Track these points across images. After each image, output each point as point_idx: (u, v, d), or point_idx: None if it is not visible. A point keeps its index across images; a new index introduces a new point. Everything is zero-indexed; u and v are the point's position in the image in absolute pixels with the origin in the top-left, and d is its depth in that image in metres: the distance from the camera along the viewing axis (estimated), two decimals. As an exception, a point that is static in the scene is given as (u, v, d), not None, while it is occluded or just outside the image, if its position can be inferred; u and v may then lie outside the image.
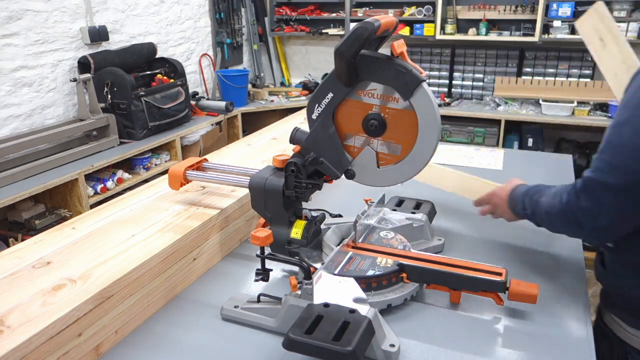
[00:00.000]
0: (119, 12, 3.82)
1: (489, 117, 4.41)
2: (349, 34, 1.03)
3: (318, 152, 1.20)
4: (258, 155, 2.00)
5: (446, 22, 4.60)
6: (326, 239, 1.32)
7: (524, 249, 1.19)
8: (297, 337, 0.95)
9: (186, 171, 1.48)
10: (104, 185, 3.25)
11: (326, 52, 5.44)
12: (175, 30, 4.44)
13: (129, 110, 3.49)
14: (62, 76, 3.41)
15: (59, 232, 1.35)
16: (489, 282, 1.13)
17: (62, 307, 1.01)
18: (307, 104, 1.19)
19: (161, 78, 3.86)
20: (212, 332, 1.16)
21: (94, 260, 1.19)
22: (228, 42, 4.98)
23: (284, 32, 5.33)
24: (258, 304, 1.18)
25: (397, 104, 1.10)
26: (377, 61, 1.08)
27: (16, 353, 0.90)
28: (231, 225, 1.51)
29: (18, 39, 3.10)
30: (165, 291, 1.26)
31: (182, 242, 1.31)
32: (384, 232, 1.35)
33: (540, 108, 4.35)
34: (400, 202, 1.61)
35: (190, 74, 4.63)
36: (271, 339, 1.12)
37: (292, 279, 1.14)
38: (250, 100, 5.03)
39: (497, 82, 4.57)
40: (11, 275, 1.14)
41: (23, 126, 3.20)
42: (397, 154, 1.15)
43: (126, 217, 1.44)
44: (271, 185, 1.26)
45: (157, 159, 3.75)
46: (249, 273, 1.39)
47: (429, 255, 1.25)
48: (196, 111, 4.33)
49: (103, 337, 1.09)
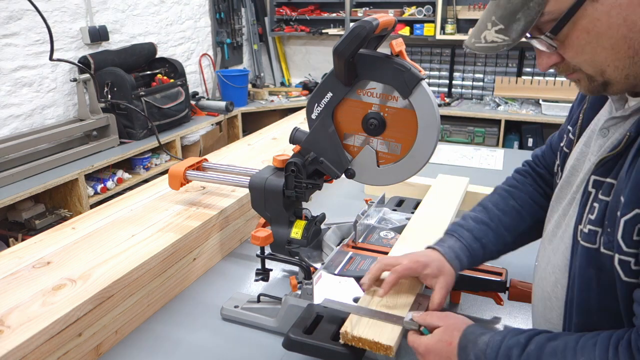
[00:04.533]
0: (119, 12, 3.82)
1: (489, 117, 4.41)
2: (347, 33, 1.03)
3: (318, 152, 1.20)
4: (258, 155, 2.00)
5: (446, 22, 4.60)
6: (326, 239, 1.32)
7: (524, 249, 1.18)
8: (297, 337, 0.95)
9: (186, 171, 1.48)
10: (104, 185, 3.25)
11: (326, 52, 5.44)
12: (175, 30, 4.44)
13: (129, 110, 3.49)
14: (62, 76, 3.41)
15: (59, 232, 1.35)
16: (489, 282, 1.13)
17: (62, 307, 1.01)
18: (306, 104, 1.19)
19: (161, 78, 3.86)
20: (212, 332, 1.16)
21: (94, 260, 1.19)
22: (228, 42, 4.98)
23: (284, 32, 5.33)
24: (258, 304, 1.18)
25: (397, 103, 1.10)
26: (376, 60, 1.08)
27: (16, 353, 0.90)
28: (231, 225, 1.51)
29: (18, 39, 3.10)
30: (165, 291, 1.26)
31: (182, 242, 1.31)
32: (384, 232, 1.35)
33: (540, 108, 4.35)
34: (400, 202, 1.61)
35: (190, 74, 4.63)
36: (271, 339, 1.12)
37: (292, 279, 1.14)
38: (250, 100, 5.03)
39: (497, 82, 4.57)
40: (11, 275, 1.14)
41: (23, 126, 3.20)
42: (397, 153, 1.14)
43: (126, 217, 1.44)
44: (271, 185, 1.25)
45: (157, 159, 3.75)
46: (249, 273, 1.39)
47: (429, 255, 1.24)
48: (196, 111, 4.33)
49: (103, 337, 1.09)
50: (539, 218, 1.07)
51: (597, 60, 0.73)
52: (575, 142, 0.92)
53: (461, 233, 1.05)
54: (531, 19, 0.72)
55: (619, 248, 0.71)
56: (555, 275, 0.86)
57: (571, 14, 0.70)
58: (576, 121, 0.94)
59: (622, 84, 0.75)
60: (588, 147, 0.86)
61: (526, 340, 0.77)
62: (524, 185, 1.11)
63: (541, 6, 0.71)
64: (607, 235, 0.74)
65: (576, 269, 0.80)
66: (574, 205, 0.85)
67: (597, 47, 0.71)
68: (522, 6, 0.72)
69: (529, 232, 1.09)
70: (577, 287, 0.80)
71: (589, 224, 0.78)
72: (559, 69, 0.80)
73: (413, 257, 1.01)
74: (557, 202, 0.92)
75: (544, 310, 0.90)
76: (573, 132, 0.94)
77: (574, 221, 0.82)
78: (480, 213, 1.09)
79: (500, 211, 1.08)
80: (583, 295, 0.79)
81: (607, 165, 0.77)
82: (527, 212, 1.08)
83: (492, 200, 1.12)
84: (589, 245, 0.77)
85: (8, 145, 2.82)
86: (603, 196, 0.76)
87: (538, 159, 1.14)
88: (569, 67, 0.78)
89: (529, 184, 1.11)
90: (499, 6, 0.75)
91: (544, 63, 0.79)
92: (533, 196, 1.10)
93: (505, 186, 1.14)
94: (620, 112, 0.79)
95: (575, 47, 0.73)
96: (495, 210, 1.08)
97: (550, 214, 0.95)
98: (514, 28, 0.74)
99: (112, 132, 3.44)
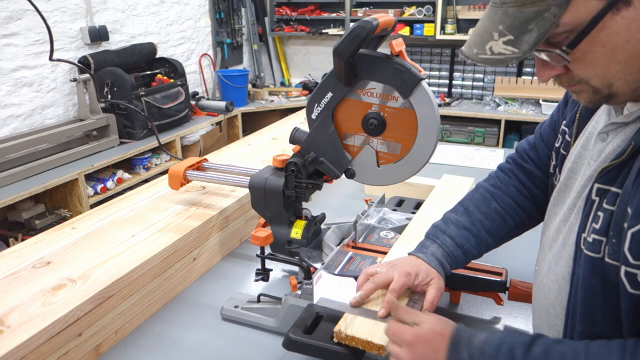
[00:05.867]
0: (119, 12, 3.82)
1: (489, 117, 4.41)
2: (347, 33, 1.03)
3: (318, 152, 1.20)
4: (258, 155, 2.00)
5: (446, 22, 4.60)
6: (326, 239, 1.32)
7: (524, 249, 1.18)
8: (297, 337, 0.95)
9: (186, 171, 1.48)
10: (104, 185, 3.25)
11: (326, 52, 5.44)
12: (175, 30, 4.44)
13: (129, 110, 3.49)
14: (62, 76, 3.41)
15: (59, 232, 1.35)
16: (489, 282, 1.13)
17: (62, 307, 1.01)
18: (306, 104, 1.19)
19: (161, 78, 3.86)
20: (212, 332, 1.16)
21: (94, 260, 1.19)
22: (228, 42, 4.98)
23: (284, 32, 5.33)
24: (258, 304, 1.18)
25: (397, 103, 1.10)
26: (376, 60, 1.08)
27: (16, 353, 0.90)
28: (231, 225, 1.51)
29: (18, 39, 3.10)
30: (165, 291, 1.26)
31: (182, 242, 1.31)
32: (384, 232, 1.35)
33: (540, 108, 4.34)
34: (400, 202, 1.61)
35: (190, 74, 4.63)
36: (271, 339, 1.12)
37: (292, 279, 1.14)
38: (250, 100, 5.03)
39: (497, 82, 4.57)
40: (11, 275, 1.14)
41: (23, 126, 3.19)
42: (397, 153, 1.14)
43: (126, 217, 1.44)
44: (271, 185, 1.25)
45: (157, 159, 3.75)
46: (249, 273, 1.39)
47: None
48: (196, 111, 4.33)
49: (103, 337, 1.09)
50: (522, 220, 1.07)
51: (608, 74, 0.70)
52: (572, 144, 0.90)
53: (443, 240, 1.04)
54: (545, 30, 0.66)
55: (626, 260, 0.69)
56: (558, 284, 0.85)
57: (591, 26, 0.66)
58: (572, 122, 0.92)
59: (628, 96, 0.73)
60: (586, 149, 0.85)
61: (531, 340, 0.75)
62: (507, 187, 1.09)
63: (557, 17, 0.66)
64: (611, 245, 0.72)
65: (579, 278, 0.78)
66: (575, 212, 0.83)
67: (610, 61, 0.68)
68: (536, 16, 0.66)
69: (512, 234, 1.09)
70: (580, 296, 0.78)
71: (593, 233, 0.76)
72: (561, 80, 0.76)
73: (401, 270, 0.98)
74: (556, 205, 0.91)
75: (548, 317, 0.89)
76: (570, 134, 0.92)
77: (576, 229, 0.80)
78: (462, 216, 1.07)
79: (482, 214, 1.06)
80: (587, 304, 0.78)
81: (610, 174, 0.75)
82: (509, 215, 1.07)
83: (474, 201, 1.09)
84: (594, 255, 0.75)
85: (8, 145, 2.82)
86: (608, 205, 0.74)
87: (526, 154, 1.10)
88: (573, 79, 0.74)
89: (513, 185, 1.09)
90: (507, 15, 0.69)
91: (546, 75, 0.75)
92: (516, 198, 1.07)
93: (488, 186, 1.11)
94: (622, 119, 0.77)
95: (587, 60, 0.69)
96: (477, 214, 1.06)
97: (549, 218, 0.94)
98: (524, 40, 0.67)
99: (112, 132, 3.44)
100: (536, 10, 0.66)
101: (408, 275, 0.97)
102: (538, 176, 1.07)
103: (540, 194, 1.06)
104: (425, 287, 0.98)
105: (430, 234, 1.07)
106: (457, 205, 1.11)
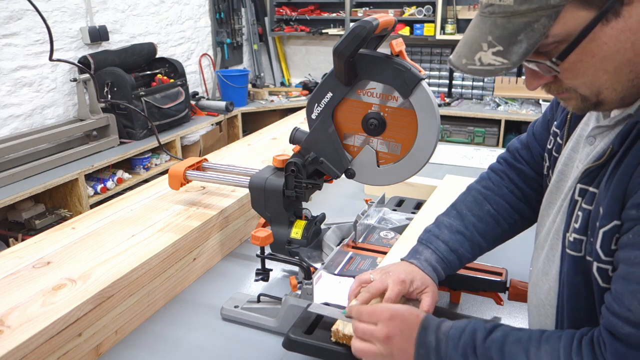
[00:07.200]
0: (119, 12, 3.82)
1: (489, 117, 4.41)
2: (347, 33, 1.03)
3: (318, 152, 1.20)
4: (258, 155, 2.00)
5: (446, 22, 4.60)
6: (326, 239, 1.32)
7: (524, 249, 1.18)
8: (297, 337, 0.95)
9: (186, 171, 1.48)
10: (104, 185, 3.25)
11: (326, 52, 5.44)
12: (175, 30, 4.44)
13: (129, 110, 3.49)
14: (62, 76, 3.41)
15: (59, 232, 1.35)
16: (489, 282, 1.13)
17: (62, 307, 1.01)
18: (306, 104, 1.19)
19: (161, 78, 3.87)
20: (212, 332, 1.16)
21: (94, 260, 1.19)
22: (228, 42, 4.98)
23: (284, 32, 5.33)
24: (258, 304, 1.18)
25: (397, 103, 1.10)
26: (376, 60, 1.08)
27: (16, 353, 0.90)
28: (231, 225, 1.51)
29: (18, 39, 3.10)
30: (165, 291, 1.26)
31: (182, 242, 1.31)
32: (384, 232, 1.35)
33: (540, 108, 4.35)
34: (400, 202, 1.61)
35: (190, 74, 4.63)
36: (271, 339, 1.12)
37: (292, 279, 1.14)
38: (250, 100, 5.04)
39: (497, 82, 4.57)
40: (11, 275, 1.14)
41: (23, 126, 3.20)
42: (397, 153, 1.14)
43: (126, 217, 1.44)
44: (271, 185, 1.25)
45: (157, 159, 3.75)
46: (249, 273, 1.39)
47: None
48: (196, 111, 4.34)
49: (103, 337, 1.09)
50: (515, 222, 1.07)
51: (596, 83, 0.70)
52: (563, 146, 0.90)
53: (437, 245, 1.03)
54: (534, 41, 0.66)
55: (598, 256, 0.72)
56: (548, 283, 0.86)
57: (582, 37, 0.66)
58: (563, 123, 0.92)
59: (616, 103, 0.73)
60: (575, 152, 0.85)
61: (492, 327, 0.78)
62: (500, 188, 1.07)
63: (547, 28, 0.66)
64: (590, 244, 0.74)
65: (565, 276, 0.80)
66: (561, 213, 0.84)
67: (599, 70, 0.69)
68: (525, 27, 0.66)
69: (505, 236, 1.08)
70: (566, 294, 0.80)
71: (574, 232, 0.77)
72: (549, 88, 0.76)
73: (395, 277, 0.96)
74: (548, 207, 0.91)
75: (539, 316, 0.90)
76: (561, 136, 0.92)
77: (562, 229, 0.82)
78: (455, 220, 1.06)
79: (476, 217, 1.05)
80: (572, 302, 0.80)
81: (591, 175, 0.76)
82: (503, 218, 1.06)
83: (467, 204, 1.08)
84: (575, 254, 0.77)
85: (8, 145, 2.82)
86: (587, 205, 0.75)
87: (518, 153, 1.09)
88: (561, 87, 0.74)
89: (505, 186, 1.07)
90: (496, 25, 0.69)
91: (535, 83, 0.75)
92: (509, 200, 1.06)
93: (480, 188, 1.10)
94: (607, 122, 0.78)
95: (576, 70, 0.70)
96: (470, 217, 1.05)
97: (542, 220, 0.94)
98: (514, 51, 0.67)
99: (112, 132, 3.44)
100: (525, 21, 0.66)
101: (403, 283, 0.95)
102: (531, 176, 1.06)
103: (533, 194, 1.05)
104: (420, 294, 0.97)
105: (423, 239, 1.06)
106: (449, 209, 1.10)
